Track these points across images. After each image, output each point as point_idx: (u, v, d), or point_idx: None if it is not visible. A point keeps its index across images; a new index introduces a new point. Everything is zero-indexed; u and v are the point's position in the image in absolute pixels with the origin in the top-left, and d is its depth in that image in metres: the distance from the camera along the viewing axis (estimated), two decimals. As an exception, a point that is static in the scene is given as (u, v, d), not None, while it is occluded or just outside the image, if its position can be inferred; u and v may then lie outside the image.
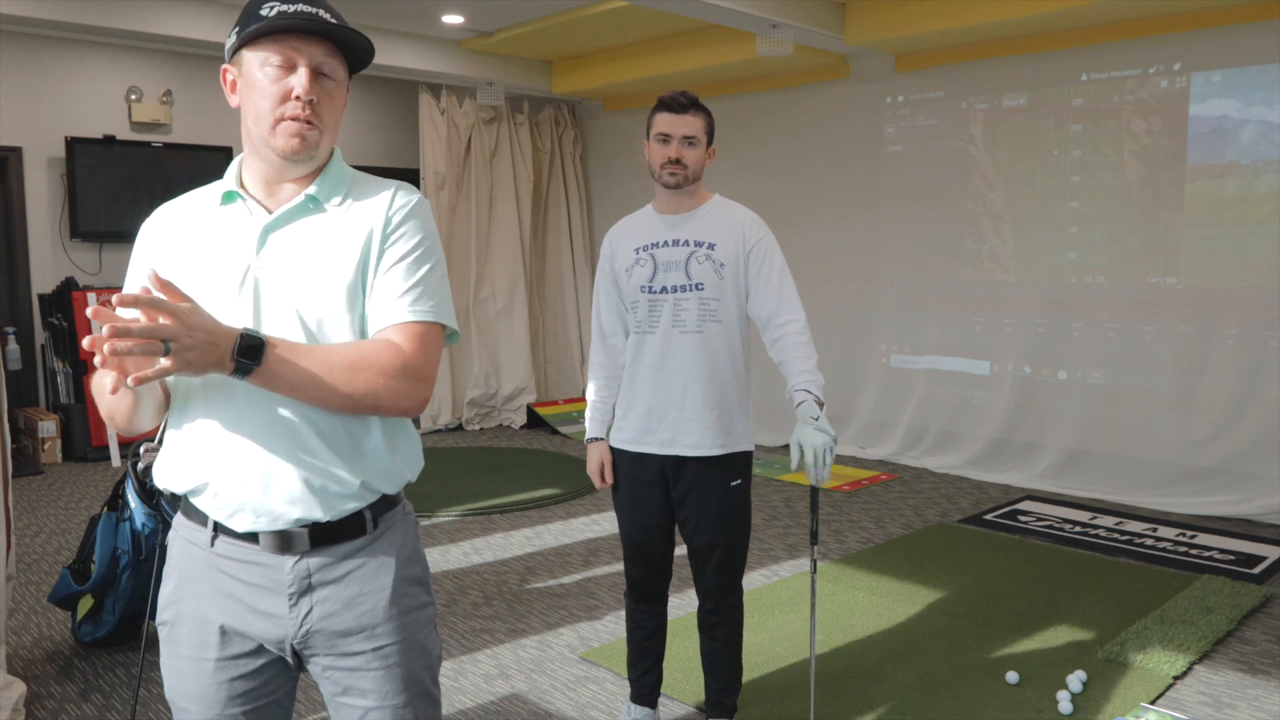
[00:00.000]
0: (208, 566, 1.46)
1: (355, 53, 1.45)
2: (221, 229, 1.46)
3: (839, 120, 6.75)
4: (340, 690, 1.49)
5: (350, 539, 1.47)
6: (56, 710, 2.97)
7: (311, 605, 1.45)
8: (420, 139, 7.51)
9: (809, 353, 2.48)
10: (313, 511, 1.42)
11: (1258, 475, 5.06)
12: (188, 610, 1.48)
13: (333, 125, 1.45)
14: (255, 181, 1.47)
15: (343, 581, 1.46)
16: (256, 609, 1.45)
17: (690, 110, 2.50)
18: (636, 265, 2.58)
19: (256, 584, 1.45)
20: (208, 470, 1.43)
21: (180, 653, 1.48)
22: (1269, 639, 3.50)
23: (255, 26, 1.37)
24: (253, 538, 1.43)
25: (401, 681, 1.50)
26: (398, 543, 1.52)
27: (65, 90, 6.53)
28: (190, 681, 1.48)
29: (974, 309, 6.20)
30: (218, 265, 1.43)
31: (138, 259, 1.50)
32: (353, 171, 1.53)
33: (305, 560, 1.44)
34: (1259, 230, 5.09)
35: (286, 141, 1.40)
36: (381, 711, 1.49)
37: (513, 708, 3.00)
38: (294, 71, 1.39)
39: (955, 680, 3.15)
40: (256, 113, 1.41)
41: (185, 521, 1.50)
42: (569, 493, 5.59)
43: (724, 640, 2.67)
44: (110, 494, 3.35)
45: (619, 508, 2.70)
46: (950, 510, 5.29)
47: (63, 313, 6.37)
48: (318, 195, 1.46)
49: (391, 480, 1.50)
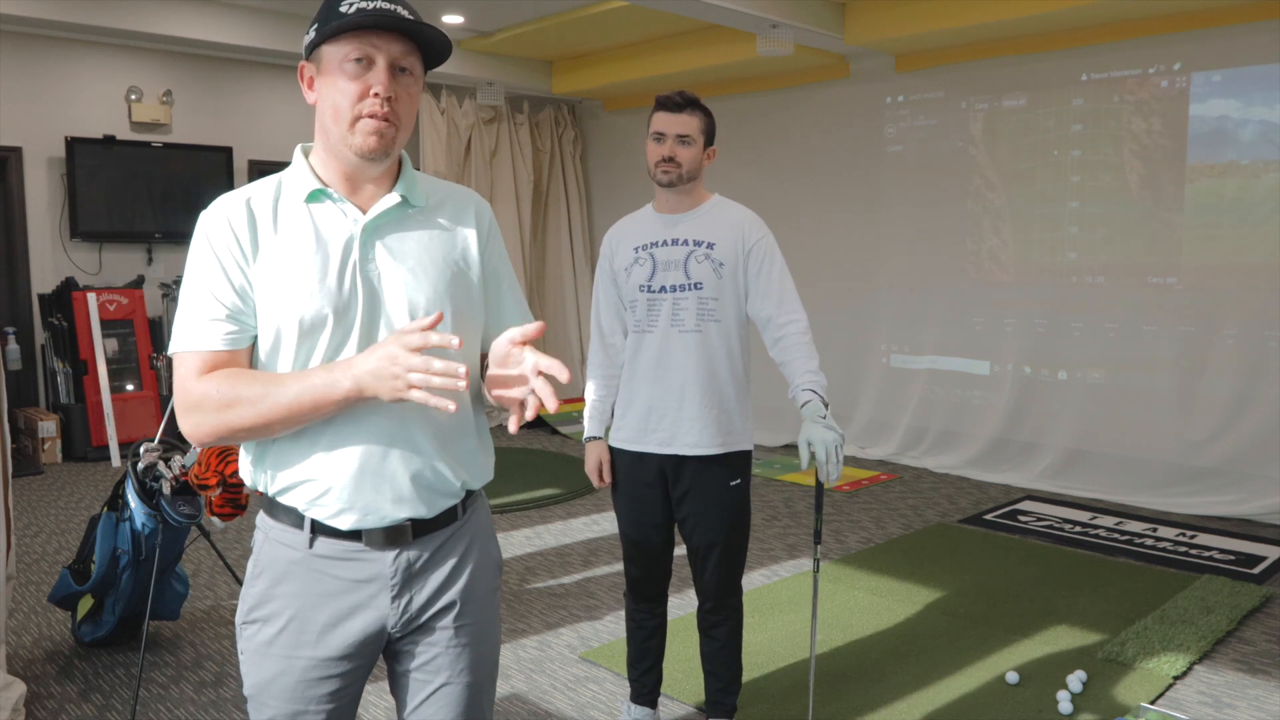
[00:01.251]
0: (305, 568, 1.47)
1: (433, 49, 1.45)
2: (314, 227, 1.43)
3: (839, 120, 6.75)
4: (418, 665, 1.53)
5: (444, 527, 1.52)
6: (56, 710, 2.97)
7: (412, 595, 1.49)
8: (420, 139, 7.51)
9: (811, 353, 2.48)
10: (418, 510, 1.47)
11: (1258, 475, 5.06)
12: (282, 610, 1.48)
13: (409, 122, 1.45)
14: (335, 179, 1.46)
15: (439, 565, 1.51)
16: (359, 604, 1.47)
17: (686, 109, 2.50)
18: (635, 264, 2.58)
19: (359, 579, 1.47)
20: (311, 470, 1.43)
21: (273, 650, 1.48)
22: (1269, 639, 3.50)
23: (336, 23, 1.36)
24: (355, 535, 1.45)
25: (475, 660, 1.55)
26: (480, 525, 1.59)
27: (65, 90, 6.53)
28: (278, 679, 1.48)
29: (974, 309, 6.20)
30: (320, 264, 1.41)
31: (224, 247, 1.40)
32: (417, 172, 1.55)
33: (405, 553, 1.48)
34: (1259, 231, 5.09)
35: (364, 140, 1.39)
36: (454, 687, 1.53)
37: (513, 708, 3.00)
38: (373, 68, 1.38)
39: (955, 680, 3.15)
40: (335, 110, 1.39)
41: (274, 523, 1.49)
42: (569, 493, 5.59)
43: (724, 640, 2.67)
44: (110, 494, 3.35)
45: (618, 507, 2.70)
46: (950, 510, 5.29)
47: (63, 313, 6.37)
48: (408, 197, 1.47)
49: (481, 478, 1.57)
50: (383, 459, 1.43)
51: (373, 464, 1.42)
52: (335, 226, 1.44)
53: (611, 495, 2.72)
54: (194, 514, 3.08)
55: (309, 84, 1.45)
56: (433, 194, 1.53)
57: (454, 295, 1.48)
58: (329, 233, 1.43)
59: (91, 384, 6.35)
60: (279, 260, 1.41)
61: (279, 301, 1.40)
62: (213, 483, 2.95)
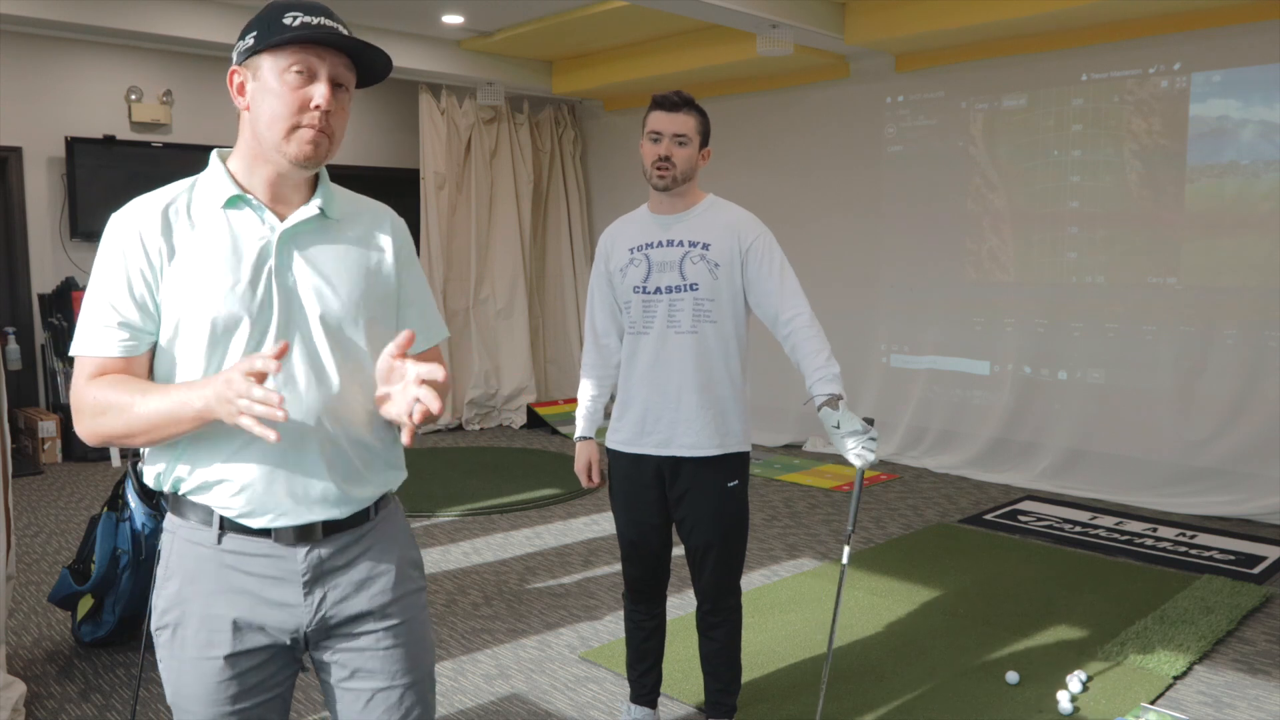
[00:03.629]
0: (215, 565, 1.47)
1: (371, 68, 1.49)
2: (230, 232, 1.45)
3: (839, 120, 6.75)
4: (348, 674, 1.53)
5: (355, 527, 1.53)
6: (56, 710, 2.97)
7: (325, 592, 1.50)
8: (420, 139, 7.51)
9: (818, 346, 2.48)
10: (330, 512, 1.49)
11: (1258, 475, 5.06)
12: (194, 610, 1.48)
13: (341, 135, 1.49)
14: (258, 185, 1.48)
15: (352, 567, 1.52)
16: (270, 600, 1.47)
17: (683, 109, 2.49)
18: (631, 265, 2.57)
19: (269, 575, 1.47)
20: (223, 470, 1.44)
21: (185, 654, 1.49)
22: (1269, 639, 3.50)
23: (282, 36, 1.39)
24: (264, 532, 1.46)
25: (408, 661, 1.55)
26: (396, 527, 1.61)
27: (65, 90, 6.53)
28: (195, 682, 1.48)
29: (974, 309, 6.20)
30: (234, 270, 1.43)
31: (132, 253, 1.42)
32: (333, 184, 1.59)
33: (316, 550, 1.49)
34: (1259, 230, 5.09)
35: (300, 149, 1.42)
36: (390, 691, 1.53)
37: (513, 708, 3.00)
38: (314, 81, 1.42)
39: (955, 680, 3.15)
40: (270, 118, 1.42)
41: (183, 521, 1.50)
42: (569, 493, 5.59)
43: (723, 641, 2.67)
44: (110, 494, 3.35)
45: (616, 509, 2.70)
46: (950, 510, 5.29)
47: (63, 313, 6.37)
48: (325, 209, 1.51)
49: (396, 481, 1.61)
50: (296, 462, 1.45)
51: (285, 466, 1.44)
52: (252, 232, 1.46)
53: (609, 496, 2.72)
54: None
55: (239, 90, 1.46)
56: (348, 207, 1.57)
57: (369, 306, 1.51)
58: (246, 238, 1.45)
59: (91, 384, 6.34)
60: (193, 263, 1.42)
61: (192, 303, 1.41)
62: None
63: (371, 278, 1.53)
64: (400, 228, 1.62)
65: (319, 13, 1.42)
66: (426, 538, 4.76)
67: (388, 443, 1.57)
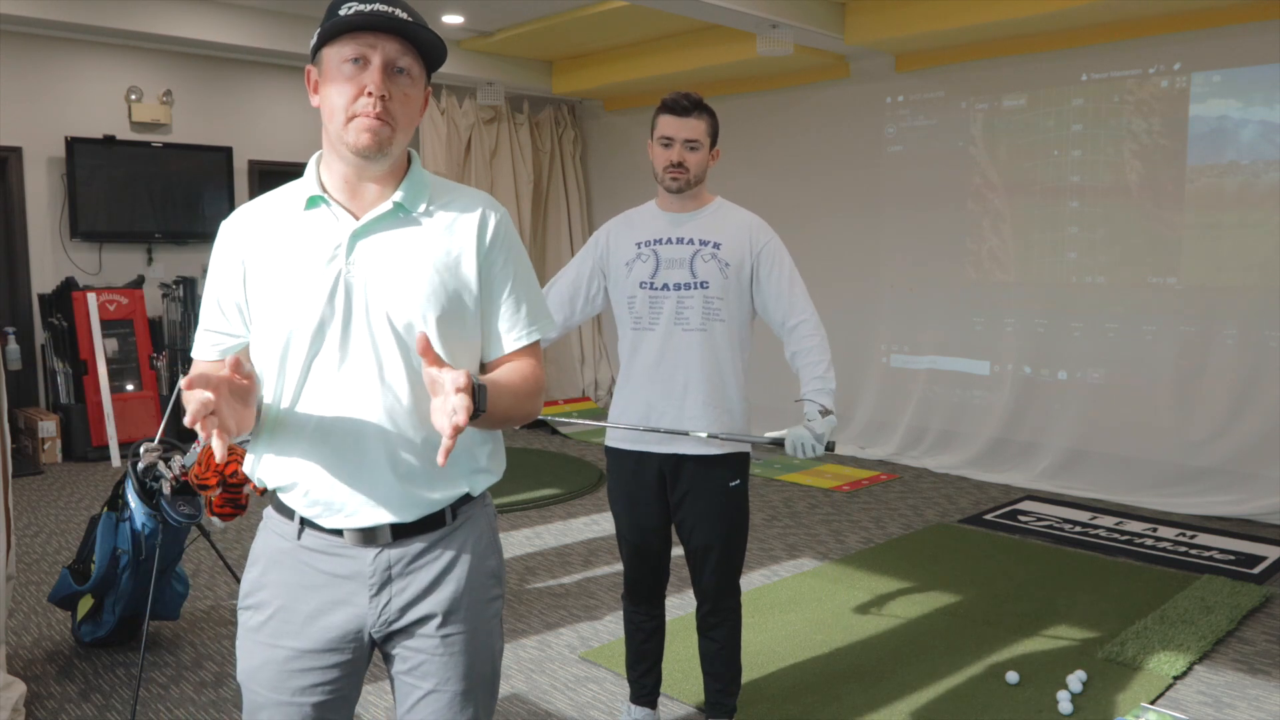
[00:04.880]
0: (293, 559, 1.51)
1: (429, 51, 1.46)
2: (308, 234, 1.46)
3: (839, 120, 6.75)
4: (406, 668, 1.54)
5: (430, 530, 1.52)
6: (56, 710, 2.97)
7: (391, 596, 1.50)
8: (420, 139, 7.52)
9: (819, 357, 2.51)
10: (396, 515, 1.48)
11: (1258, 475, 5.06)
12: (272, 597, 1.51)
13: (407, 124, 1.45)
14: (336, 184, 1.48)
15: (421, 571, 1.51)
16: (339, 599, 1.49)
17: (694, 113, 2.48)
18: (638, 260, 2.56)
19: (340, 574, 1.49)
20: (295, 471, 1.47)
21: (259, 638, 1.51)
22: (1269, 639, 3.50)
23: (332, 23, 1.39)
24: (338, 532, 1.49)
25: (465, 669, 1.54)
26: (475, 534, 1.57)
27: (65, 90, 6.53)
28: (264, 666, 1.51)
29: (974, 309, 6.20)
30: (307, 271, 1.44)
31: (224, 260, 1.51)
32: (430, 176, 1.55)
33: (386, 552, 1.49)
34: (1259, 230, 5.09)
35: (358, 137, 1.40)
36: (440, 695, 1.53)
37: (513, 708, 3.00)
38: (368, 68, 1.40)
39: (955, 680, 3.15)
40: (331, 109, 1.42)
41: (274, 515, 1.55)
42: (569, 493, 5.59)
43: (723, 641, 2.67)
44: (110, 494, 3.35)
45: (616, 510, 2.69)
46: (950, 510, 5.29)
47: (63, 313, 6.37)
48: (404, 203, 1.47)
49: (481, 484, 1.57)
50: (359, 464, 1.45)
51: (349, 468, 1.45)
52: (327, 232, 1.46)
53: (609, 497, 2.71)
54: (194, 514, 3.08)
55: (314, 88, 1.47)
56: (440, 199, 1.52)
57: (439, 304, 1.45)
58: (321, 239, 1.46)
59: (91, 384, 6.35)
60: (273, 269, 1.46)
61: (270, 310, 1.46)
62: (213, 483, 2.95)
63: (446, 272, 1.47)
64: (491, 218, 1.52)
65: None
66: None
67: (465, 444, 1.51)
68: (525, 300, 1.55)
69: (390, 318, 1.44)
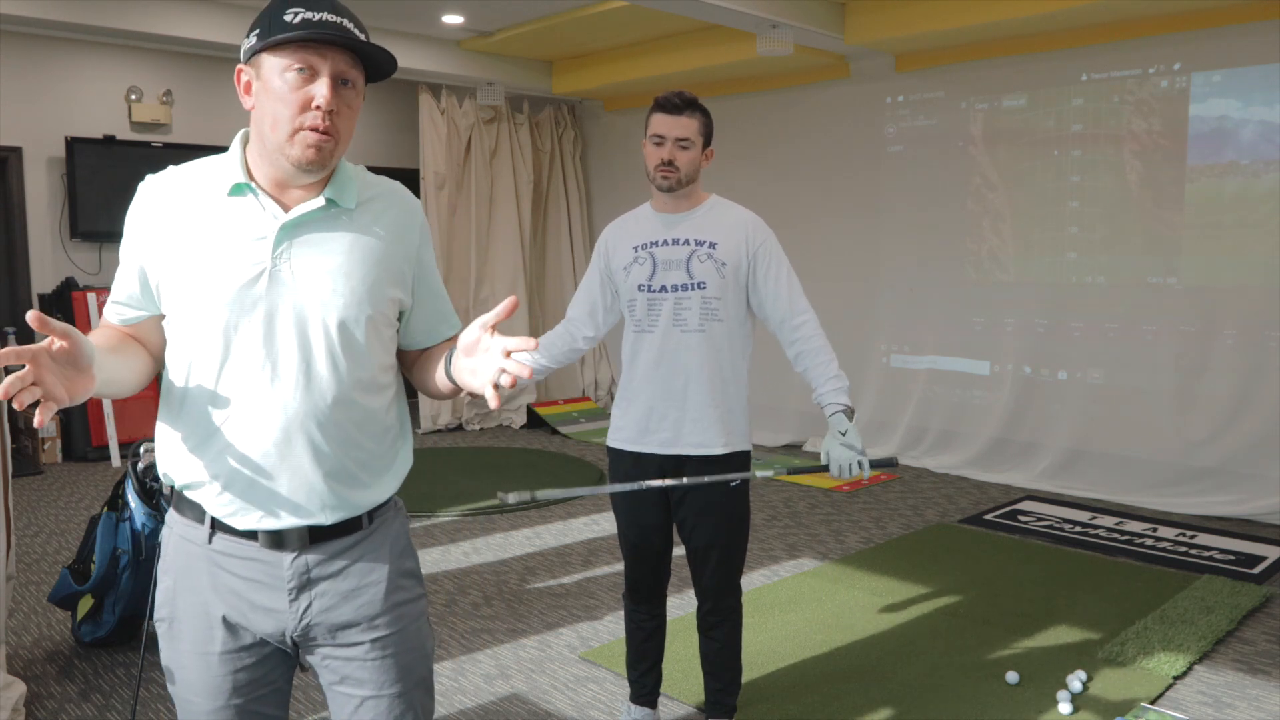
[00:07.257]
0: (206, 563, 1.48)
1: (376, 65, 1.43)
2: (231, 220, 1.41)
3: (839, 120, 6.75)
4: (338, 679, 1.52)
5: (346, 535, 1.50)
6: (56, 710, 2.97)
7: (311, 600, 1.47)
8: (420, 139, 7.51)
9: (828, 357, 2.54)
10: (314, 518, 1.45)
11: (1258, 475, 5.06)
12: (188, 606, 1.49)
13: (348, 135, 1.43)
14: (265, 179, 1.44)
15: (340, 576, 1.49)
16: (256, 604, 1.46)
17: (685, 111, 2.48)
18: (635, 263, 2.56)
19: (256, 580, 1.46)
20: (211, 468, 1.43)
21: (183, 648, 1.50)
22: (1269, 639, 3.50)
23: (281, 35, 1.34)
24: (251, 535, 1.45)
25: (398, 671, 1.53)
26: (391, 537, 1.55)
27: (65, 90, 6.53)
28: (196, 675, 1.49)
29: (974, 309, 6.20)
30: (229, 259, 1.40)
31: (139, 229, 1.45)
32: (352, 167, 1.52)
33: (303, 556, 1.47)
34: (1259, 230, 5.09)
35: (303, 152, 1.37)
36: (378, 700, 1.52)
37: (513, 708, 3.00)
38: (315, 80, 1.37)
39: (955, 680, 3.15)
40: (274, 119, 1.37)
41: (179, 518, 1.51)
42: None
43: (723, 640, 2.67)
44: (110, 494, 3.35)
45: (617, 510, 2.69)
46: (950, 510, 5.29)
47: (63, 313, 6.37)
48: (335, 198, 1.45)
49: (391, 489, 1.55)
50: (283, 464, 1.42)
51: (271, 467, 1.42)
52: (253, 222, 1.42)
53: (610, 497, 2.71)
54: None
55: (246, 89, 1.43)
56: (365, 192, 1.49)
57: (375, 300, 1.45)
58: (245, 227, 1.41)
59: (91, 384, 6.34)
60: (192, 250, 1.40)
61: (185, 294, 1.41)
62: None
63: (382, 267, 1.46)
64: (417, 214, 1.55)
65: (323, 7, 1.36)
66: (426, 538, 4.76)
67: (386, 446, 1.52)
68: (443, 294, 1.61)
69: (322, 314, 1.41)
